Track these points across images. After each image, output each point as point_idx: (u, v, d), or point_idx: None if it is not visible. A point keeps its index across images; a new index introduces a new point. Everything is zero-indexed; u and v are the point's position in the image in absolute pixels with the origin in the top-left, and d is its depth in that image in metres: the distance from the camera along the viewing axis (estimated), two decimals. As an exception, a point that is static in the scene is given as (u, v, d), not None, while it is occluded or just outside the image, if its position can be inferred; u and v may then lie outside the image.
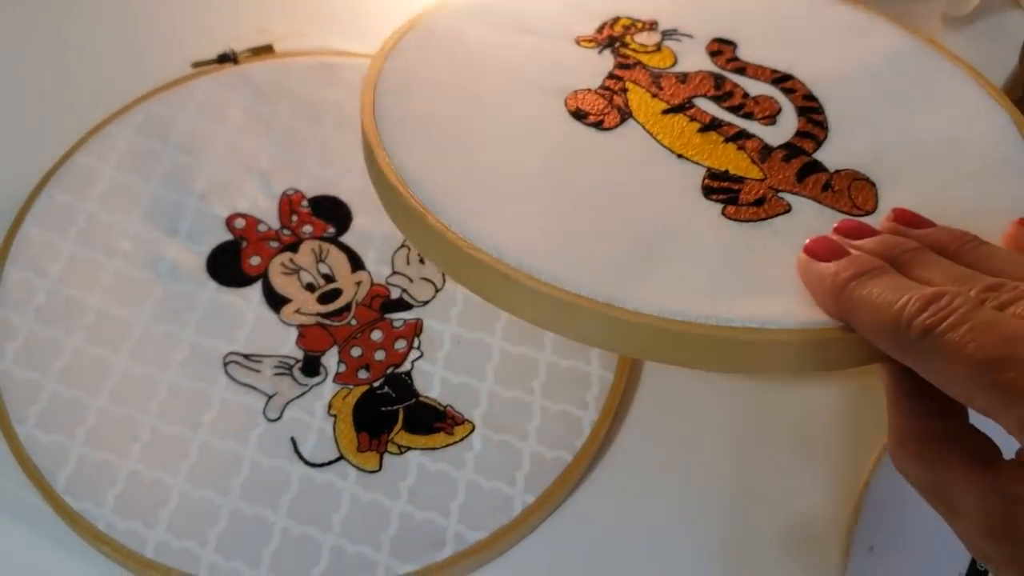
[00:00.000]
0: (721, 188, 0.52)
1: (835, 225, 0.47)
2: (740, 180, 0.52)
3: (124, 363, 0.57)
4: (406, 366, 0.58)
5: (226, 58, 0.67)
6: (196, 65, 0.67)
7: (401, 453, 0.55)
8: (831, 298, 0.44)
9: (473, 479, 0.54)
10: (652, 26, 0.62)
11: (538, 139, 0.53)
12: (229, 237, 0.61)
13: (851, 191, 0.52)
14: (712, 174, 0.52)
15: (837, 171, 0.53)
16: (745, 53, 0.60)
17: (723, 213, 0.50)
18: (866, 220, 0.49)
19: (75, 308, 0.58)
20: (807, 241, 0.46)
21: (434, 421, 0.56)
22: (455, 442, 0.56)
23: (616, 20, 0.62)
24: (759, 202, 0.51)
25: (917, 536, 0.52)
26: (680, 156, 0.53)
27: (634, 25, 0.62)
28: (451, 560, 0.52)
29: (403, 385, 0.57)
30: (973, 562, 0.51)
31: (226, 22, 0.73)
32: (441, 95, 0.54)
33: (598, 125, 0.55)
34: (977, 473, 0.40)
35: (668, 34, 0.61)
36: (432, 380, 0.57)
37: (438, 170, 0.50)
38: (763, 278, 0.47)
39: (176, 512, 0.53)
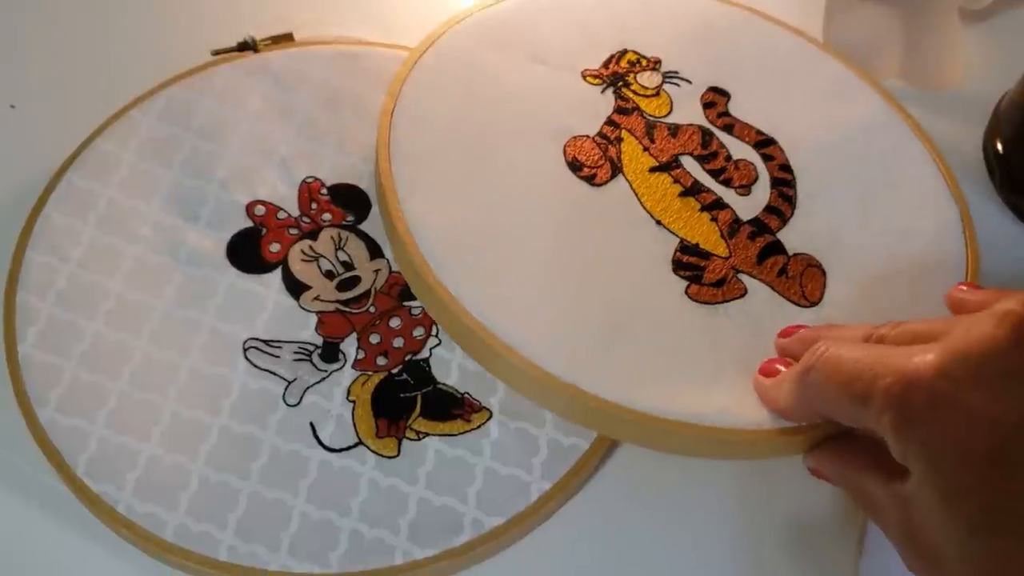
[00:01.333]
0: (689, 264, 0.58)
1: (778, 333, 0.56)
2: (707, 256, 0.59)
3: (144, 347, 0.57)
4: (424, 353, 0.58)
5: (246, 46, 0.67)
6: (216, 53, 0.67)
7: (419, 439, 0.55)
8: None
9: (490, 465, 0.55)
10: (655, 65, 0.66)
11: (534, 191, 0.59)
12: (249, 224, 0.61)
13: (803, 279, 0.59)
14: (684, 247, 0.59)
15: (795, 254, 0.59)
16: (737, 104, 0.65)
17: (686, 292, 0.57)
18: (807, 311, 0.58)
19: (96, 293, 0.59)
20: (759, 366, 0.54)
21: (451, 408, 0.56)
22: (472, 429, 0.56)
23: (623, 54, 0.66)
24: (719, 283, 0.58)
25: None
26: (659, 223, 0.60)
27: (639, 62, 0.66)
28: (469, 545, 0.53)
29: (421, 372, 0.57)
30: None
31: (246, 10, 0.73)
32: (452, 132, 0.60)
33: (590, 179, 0.61)
34: (884, 479, 0.44)
35: (669, 76, 0.66)
36: (450, 367, 0.58)
37: (442, 222, 0.56)
38: (709, 367, 0.54)
39: (196, 495, 0.53)
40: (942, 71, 0.73)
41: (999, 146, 0.68)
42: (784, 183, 0.62)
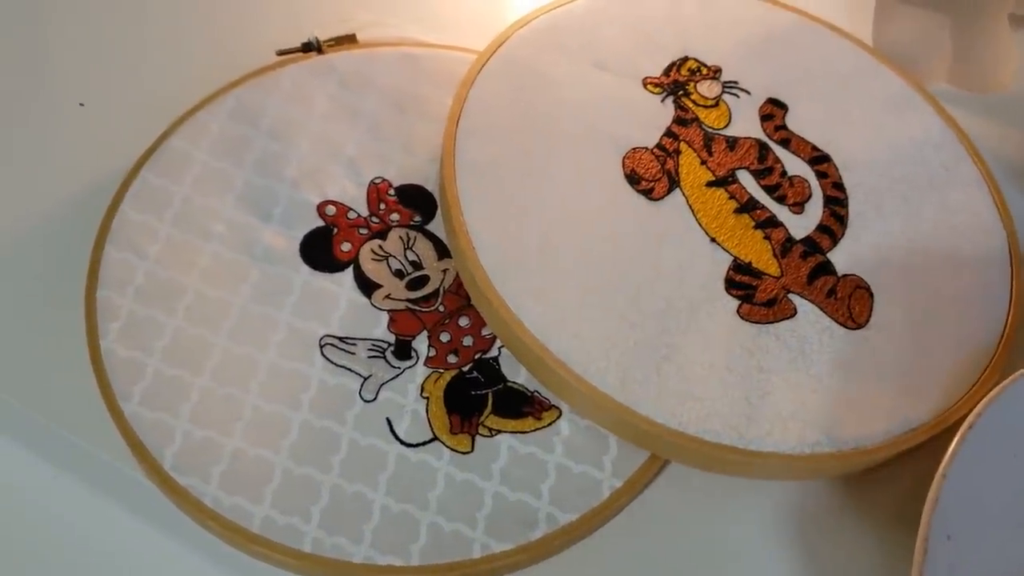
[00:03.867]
0: (741, 283, 0.60)
1: None
2: (760, 275, 0.60)
3: (224, 343, 0.58)
4: (493, 352, 0.60)
5: (310, 47, 0.69)
6: (281, 53, 0.69)
7: (492, 436, 0.57)
8: None
9: (562, 462, 0.56)
10: (716, 74, 0.67)
11: (593, 206, 0.60)
12: (320, 223, 0.63)
13: (851, 300, 0.60)
14: (737, 265, 0.60)
15: (844, 275, 0.61)
16: (794, 116, 0.67)
17: (738, 311, 0.59)
18: (854, 333, 0.59)
19: (174, 289, 0.60)
20: None
21: (522, 405, 0.58)
22: (543, 426, 0.58)
23: (684, 61, 0.67)
24: (770, 303, 0.59)
25: (995, 524, 0.54)
26: (713, 240, 0.61)
27: (700, 70, 0.67)
28: (544, 540, 0.55)
29: (491, 370, 0.59)
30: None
31: (307, 10, 0.75)
32: (515, 142, 0.62)
33: (647, 193, 0.62)
34: None
35: (728, 86, 0.67)
36: (519, 365, 0.59)
37: (503, 236, 0.58)
38: (757, 390, 0.56)
39: (279, 488, 0.55)
40: (991, 75, 0.75)
41: (1047, 151, 0.70)
42: (836, 202, 0.64)
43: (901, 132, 0.67)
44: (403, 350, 0.59)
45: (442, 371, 0.59)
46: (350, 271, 0.61)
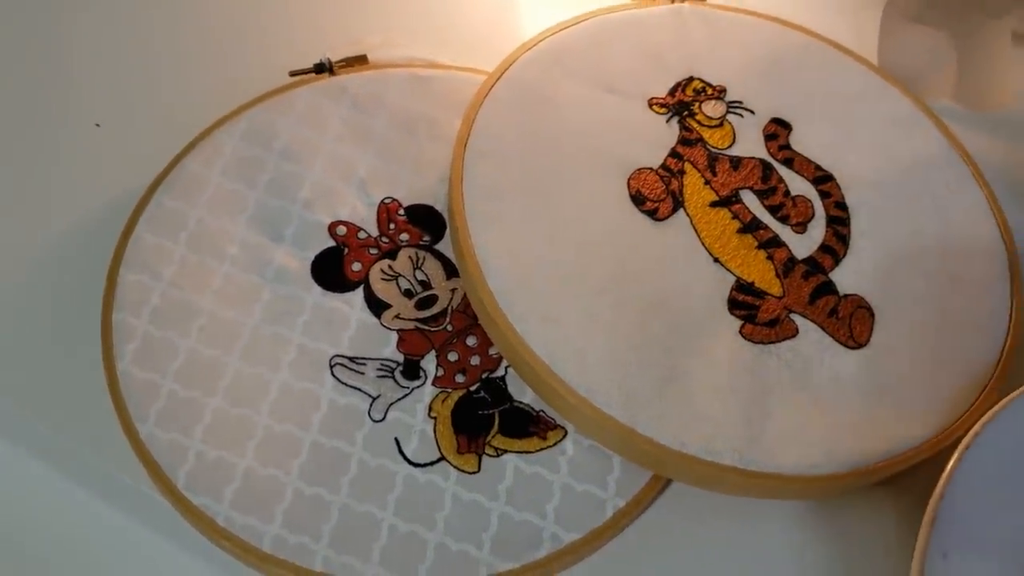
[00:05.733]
0: (744, 303, 0.61)
1: None
2: (762, 295, 0.61)
3: (236, 364, 0.60)
4: (500, 371, 0.61)
5: (322, 68, 0.70)
6: (293, 74, 0.70)
7: (498, 456, 0.58)
8: None
9: (567, 482, 0.58)
10: (720, 93, 0.68)
11: (598, 226, 0.61)
12: (331, 243, 0.64)
13: (852, 320, 0.61)
14: (740, 285, 0.61)
15: (846, 295, 0.61)
16: (798, 136, 0.67)
17: (740, 331, 0.60)
18: (854, 353, 0.60)
19: (188, 310, 0.61)
20: None
21: (528, 425, 0.59)
22: (549, 446, 0.59)
23: (690, 82, 0.68)
24: (773, 323, 0.60)
25: (991, 542, 0.55)
26: (716, 260, 0.62)
27: (705, 90, 0.67)
28: (548, 559, 0.56)
29: (498, 390, 0.60)
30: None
31: (318, 32, 0.76)
32: (522, 164, 0.63)
33: (652, 213, 0.63)
34: None
35: (733, 106, 0.68)
36: (525, 385, 0.60)
37: (510, 257, 0.59)
38: (759, 410, 0.57)
39: (290, 508, 0.56)
40: (993, 93, 0.76)
41: (1050, 169, 0.71)
42: (839, 221, 0.65)
43: (905, 151, 0.68)
44: (412, 370, 0.60)
45: (450, 391, 0.60)
46: (360, 291, 0.63)
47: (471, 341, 0.61)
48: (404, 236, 0.64)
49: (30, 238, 0.66)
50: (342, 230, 0.64)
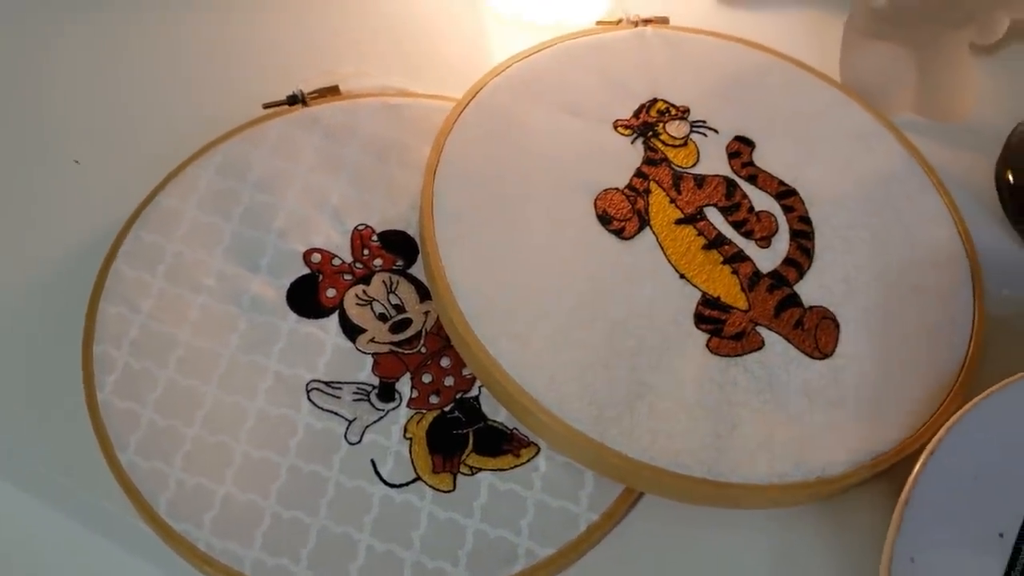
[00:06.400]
0: (710, 318, 0.62)
1: None
2: (728, 309, 0.62)
3: (214, 392, 0.61)
4: (474, 391, 0.62)
5: (295, 99, 0.71)
6: (267, 106, 0.71)
7: (472, 474, 0.59)
8: None
9: (541, 498, 0.59)
10: (684, 114, 0.69)
11: (566, 247, 0.63)
12: (306, 271, 0.65)
13: (817, 331, 0.63)
14: (705, 300, 0.62)
15: (811, 307, 0.63)
16: (761, 153, 0.69)
17: (707, 345, 0.61)
18: (819, 363, 0.61)
19: (166, 341, 0.63)
20: None
21: (502, 443, 0.61)
22: (522, 463, 0.60)
23: (654, 103, 0.70)
24: (739, 336, 0.62)
25: (956, 545, 0.56)
26: (682, 276, 0.63)
27: (669, 111, 0.69)
28: (523, 574, 0.57)
29: (472, 409, 0.62)
30: (1010, 567, 0.54)
31: (292, 64, 0.77)
32: (491, 188, 0.65)
33: (619, 233, 0.64)
34: None
35: (696, 126, 0.69)
36: (498, 404, 0.62)
37: (480, 280, 0.60)
38: (727, 422, 0.58)
39: (269, 532, 0.58)
40: (954, 104, 0.77)
41: (1011, 177, 0.72)
42: (803, 235, 0.66)
43: (867, 165, 0.69)
44: (387, 392, 0.62)
45: (424, 412, 0.61)
46: (335, 317, 0.64)
47: (445, 362, 0.63)
48: (378, 261, 0.66)
49: (12, 273, 0.67)
50: (317, 257, 0.65)
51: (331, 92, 0.73)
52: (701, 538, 0.60)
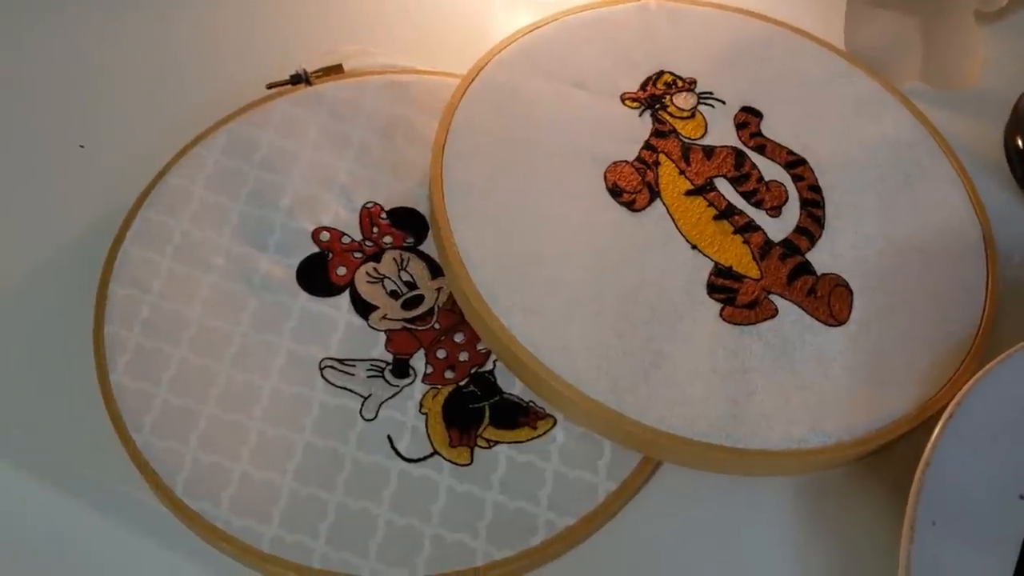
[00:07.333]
0: (723, 287, 0.62)
1: None
2: (740, 279, 0.62)
3: (227, 371, 0.61)
4: (488, 365, 0.62)
5: (299, 79, 0.71)
6: (271, 86, 0.71)
7: (490, 447, 0.59)
8: None
9: (559, 469, 0.59)
10: (691, 85, 0.69)
11: (578, 219, 0.63)
12: (316, 249, 0.65)
13: (831, 298, 0.62)
14: (718, 270, 0.62)
15: (823, 274, 0.63)
16: (768, 123, 0.69)
17: (721, 314, 0.61)
18: (834, 330, 0.61)
19: (177, 321, 0.62)
20: None
21: (518, 416, 0.61)
22: (539, 435, 0.60)
23: (660, 75, 0.70)
24: (752, 304, 0.61)
25: (978, 507, 0.56)
26: (694, 247, 0.63)
27: (675, 83, 0.69)
28: (544, 545, 0.57)
29: (487, 383, 0.61)
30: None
31: (294, 44, 0.77)
32: (500, 162, 0.64)
33: (629, 205, 0.64)
34: None
35: (704, 97, 0.69)
36: (513, 378, 0.61)
37: (493, 253, 0.60)
38: (743, 389, 0.58)
39: (287, 509, 0.57)
40: (961, 72, 0.77)
41: (1020, 142, 0.72)
42: (813, 204, 0.66)
43: (875, 132, 0.69)
44: (401, 368, 0.61)
45: (440, 387, 0.61)
46: (346, 294, 0.64)
47: (459, 338, 0.62)
48: (387, 239, 0.65)
49: (23, 259, 0.67)
50: (325, 236, 0.65)
51: (335, 71, 0.73)
52: (719, 506, 0.60)
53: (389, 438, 0.59)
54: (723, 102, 0.69)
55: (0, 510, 0.59)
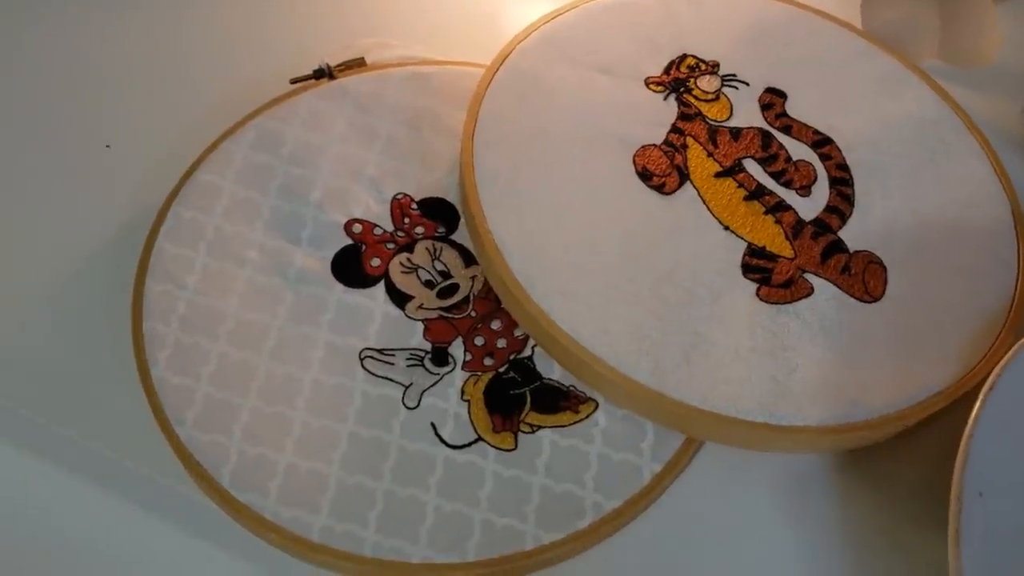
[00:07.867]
0: (758, 267, 0.62)
1: None
2: (774, 258, 0.62)
3: (266, 364, 0.61)
4: (527, 351, 0.62)
5: (322, 73, 0.71)
6: (294, 81, 0.71)
7: (533, 432, 0.59)
8: None
9: (603, 451, 0.59)
10: (714, 68, 0.70)
11: (610, 204, 0.63)
12: (348, 242, 0.65)
13: (865, 275, 0.63)
14: (751, 250, 0.63)
15: (856, 252, 0.63)
16: (793, 104, 0.69)
17: (757, 294, 0.61)
18: (871, 307, 0.62)
19: (215, 316, 0.62)
20: None
21: (559, 400, 0.61)
22: (581, 419, 0.60)
23: (683, 59, 0.70)
24: (787, 283, 0.62)
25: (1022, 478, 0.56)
26: (726, 228, 0.63)
27: (699, 66, 0.69)
28: (593, 527, 0.57)
29: (527, 369, 0.61)
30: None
31: (314, 39, 0.77)
32: (529, 149, 0.65)
33: (660, 188, 0.65)
34: None
35: (727, 80, 0.69)
36: (552, 363, 0.62)
37: (527, 239, 0.61)
38: (783, 367, 0.59)
39: (335, 498, 0.57)
40: (979, 49, 0.77)
41: (1040, 118, 0.72)
42: (842, 182, 0.67)
43: (898, 110, 0.70)
44: (440, 357, 0.61)
45: (479, 374, 0.61)
46: (382, 285, 0.64)
47: (496, 325, 0.62)
48: (419, 229, 0.66)
49: (59, 260, 0.67)
50: (358, 228, 0.65)
51: (357, 64, 0.73)
52: (763, 484, 0.60)
53: (433, 425, 0.59)
54: (747, 84, 0.69)
55: (47, 508, 0.59)
